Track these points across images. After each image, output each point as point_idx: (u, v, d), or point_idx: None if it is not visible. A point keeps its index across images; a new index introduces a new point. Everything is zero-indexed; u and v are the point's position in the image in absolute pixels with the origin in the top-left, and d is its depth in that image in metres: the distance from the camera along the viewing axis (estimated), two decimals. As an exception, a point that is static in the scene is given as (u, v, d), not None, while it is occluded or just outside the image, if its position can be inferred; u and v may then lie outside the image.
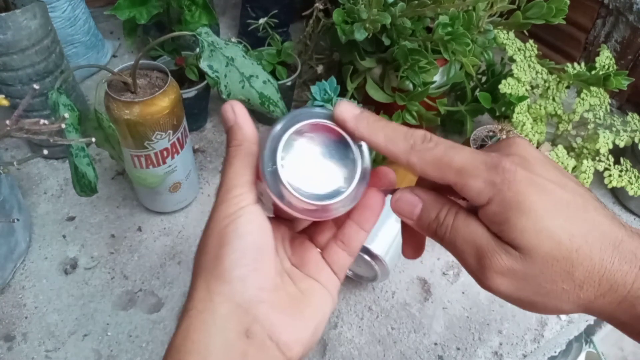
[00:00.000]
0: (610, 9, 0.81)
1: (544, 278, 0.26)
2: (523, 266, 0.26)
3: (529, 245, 0.25)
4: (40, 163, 0.71)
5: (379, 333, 0.57)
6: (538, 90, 0.67)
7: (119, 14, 0.71)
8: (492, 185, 0.26)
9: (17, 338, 0.54)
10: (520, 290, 0.26)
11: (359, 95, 0.68)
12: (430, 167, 0.27)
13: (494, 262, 0.26)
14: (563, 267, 0.25)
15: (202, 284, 0.27)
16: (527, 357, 0.57)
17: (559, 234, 0.25)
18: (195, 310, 0.26)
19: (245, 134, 0.30)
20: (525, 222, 0.25)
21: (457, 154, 0.27)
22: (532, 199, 0.25)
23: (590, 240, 0.25)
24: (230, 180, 0.29)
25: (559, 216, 0.25)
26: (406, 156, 0.27)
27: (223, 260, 0.27)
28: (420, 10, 0.57)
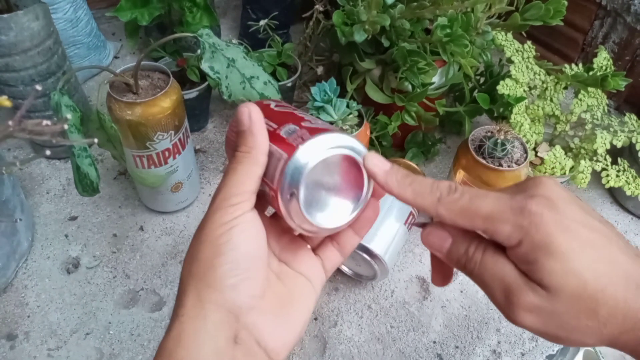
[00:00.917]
0: (608, 10, 0.82)
1: (569, 315, 0.27)
2: (550, 304, 0.27)
3: (557, 286, 0.26)
4: (42, 163, 0.72)
5: (379, 331, 0.57)
6: (536, 91, 0.68)
7: (121, 15, 0.71)
8: (520, 229, 0.27)
9: (20, 337, 0.55)
10: (546, 326, 0.27)
11: (359, 96, 0.68)
12: (458, 218, 0.28)
13: (522, 299, 0.27)
14: (588, 305, 0.26)
15: (194, 291, 0.27)
16: (525, 355, 0.57)
17: (586, 275, 0.26)
18: (187, 317, 0.27)
19: (257, 142, 0.29)
20: (553, 264, 0.26)
21: (482, 202, 0.28)
22: (559, 241, 0.26)
23: (615, 280, 0.26)
24: (230, 188, 0.29)
25: (585, 257, 0.26)
26: (434, 209, 0.29)
27: (216, 270, 0.27)
28: (419, 11, 0.58)
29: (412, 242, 0.66)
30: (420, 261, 0.64)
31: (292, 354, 0.55)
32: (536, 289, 0.27)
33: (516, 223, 0.27)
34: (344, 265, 0.60)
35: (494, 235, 0.28)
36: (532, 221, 0.26)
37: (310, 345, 0.56)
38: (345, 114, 0.58)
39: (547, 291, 0.27)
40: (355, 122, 0.59)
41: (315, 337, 0.57)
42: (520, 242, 0.27)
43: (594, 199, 0.75)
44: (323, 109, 0.57)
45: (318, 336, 0.57)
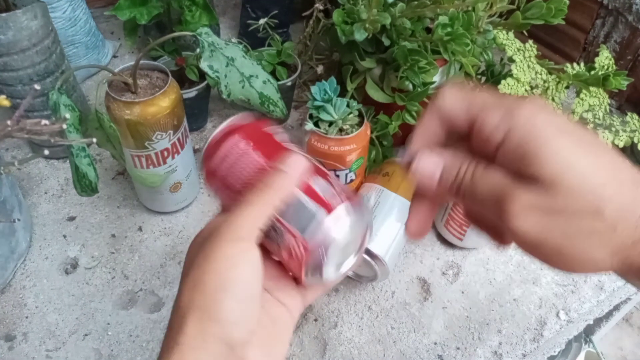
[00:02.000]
0: (610, 9, 0.81)
1: (571, 213, 0.24)
2: (547, 200, 0.24)
3: (552, 176, 0.24)
4: (41, 163, 0.72)
5: (379, 332, 0.57)
6: (537, 90, 0.67)
7: (120, 14, 0.71)
8: (509, 118, 0.25)
9: (18, 338, 0.54)
10: (547, 230, 0.25)
11: (359, 96, 0.68)
12: (458, 101, 0.27)
13: (516, 200, 0.25)
14: (590, 201, 0.24)
15: (196, 322, 0.27)
16: (527, 356, 0.57)
17: (583, 166, 0.24)
18: (187, 346, 0.27)
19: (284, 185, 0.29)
20: (547, 152, 0.24)
21: (480, 94, 0.27)
22: (552, 131, 0.25)
23: (619, 178, 0.24)
24: (244, 221, 0.29)
25: (581, 150, 0.24)
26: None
27: (220, 305, 0.27)
28: (420, 10, 0.57)
29: (413, 243, 0.65)
30: (421, 262, 0.64)
31: (292, 355, 0.55)
32: (530, 185, 0.25)
33: (507, 112, 0.26)
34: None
35: (484, 124, 0.26)
36: (522, 113, 0.25)
37: (310, 346, 0.56)
38: (345, 114, 0.58)
39: (543, 185, 0.24)
40: (356, 121, 0.59)
41: (315, 338, 0.56)
42: (508, 134, 0.25)
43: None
44: (323, 109, 0.57)
45: (318, 337, 0.56)
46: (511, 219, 0.25)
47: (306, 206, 0.29)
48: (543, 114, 0.25)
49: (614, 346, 1.39)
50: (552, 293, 0.62)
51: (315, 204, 0.29)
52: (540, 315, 0.60)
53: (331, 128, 0.58)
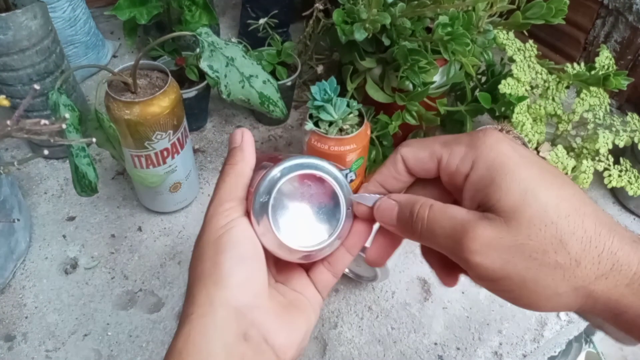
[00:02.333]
0: (610, 9, 0.81)
1: (532, 246, 0.23)
2: (508, 232, 0.24)
3: (514, 206, 0.24)
4: (40, 163, 0.72)
5: (379, 333, 0.57)
6: (538, 90, 0.67)
7: (119, 14, 0.71)
8: (474, 148, 0.26)
9: (18, 338, 0.54)
10: (509, 265, 0.24)
11: (359, 96, 0.68)
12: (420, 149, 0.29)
13: (476, 235, 0.24)
14: (553, 233, 0.23)
15: (202, 289, 0.28)
16: (527, 357, 0.57)
17: (546, 197, 0.24)
18: (195, 314, 0.27)
19: (244, 156, 0.32)
20: (510, 182, 0.24)
21: (442, 136, 0.28)
22: (515, 162, 0.25)
23: (582, 212, 0.24)
24: (222, 195, 0.31)
25: (545, 181, 0.24)
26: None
27: (221, 267, 0.28)
28: (420, 10, 0.57)
29: (413, 243, 0.65)
30: (421, 262, 0.64)
31: (292, 356, 0.55)
32: (491, 217, 0.24)
33: (470, 142, 0.26)
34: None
35: (449, 160, 0.27)
36: (486, 141, 0.25)
37: (310, 346, 0.56)
38: (345, 113, 0.58)
39: (505, 217, 0.24)
40: (356, 121, 0.59)
41: (316, 338, 0.56)
42: (475, 163, 0.25)
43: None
44: (323, 108, 0.57)
45: (318, 337, 0.56)
46: (471, 255, 0.24)
47: (263, 167, 0.31)
48: (506, 143, 0.25)
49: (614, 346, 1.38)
50: (553, 293, 0.62)
51: (270, 163, 0.31)
52: (541, 316, 0.59)
53: (331, 128, 0.58)
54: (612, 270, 0.23)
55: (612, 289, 0.23)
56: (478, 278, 0.26)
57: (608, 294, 0.23)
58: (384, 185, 0.31)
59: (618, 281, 0.23)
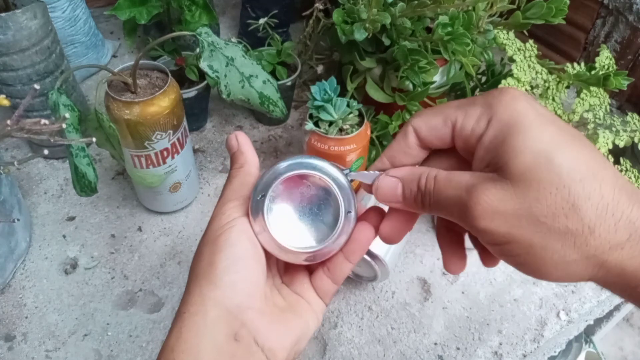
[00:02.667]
0: (610, 9, 0.81)
1: (541, 210, 0.22)
2: (514, 196, 0.22)
3: (524, 168, 0.22)
4: (40, 163, 0.72)
5: (379, 333, 0.57)
6: (538, 90, 0.67)
7: (119, 14, 0.71)
8: (489, 107, 0.24)
9: (18, 338, 0.54)
10: (514, 227, 0.22)
11: (359, 95, 0.68)
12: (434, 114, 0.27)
13: (480, 197, 0.23)
14: (565, 197, 0.21)
15: (196, 288, 0.28)
16: (527, 357, 0.57)
17: (560, 159, 0.22)
18: (188, 313, 0.27)
19: (247, 158, 0.32)
20: (523, 143, 0.22)
21: (454, 101, 0.27)
22: (531, 119, 0.23)
23: (600, 176, 0.22)
24: (227, 195, 0.31)
25: (561, 143, 0.22)
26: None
27: (216, 267, 0.28)
28: (420, 10, 0.57)
29: (413, 243, 0.65)
30: (421, 262, 0.64)
31: (292, 356, 0.55)
32: (497, 179, 0.23)
33: (485, 102, 0.24)
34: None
35: (465, 122, 0.25)
36: (502, 99, 0.24)
37: (310, 346, 0.56)
38: (345, 113, 0.58)
39: (512, 179, 0.22)
40: (356, 121, 0.59)
41: (315, 338, 0.56)
42: (489, 123, 0.24)
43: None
44: (323, 108, 0.57)
45: (318, 337, 0.56)
46: (476, 220, 0.23)
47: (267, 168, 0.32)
48: (524, 100, 0.24)
49: (614, 346, 1.38)
50: (553, 293, 0.62)
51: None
52: (541, 316, 0.59)
53: (331, 128, 0.58)
54: (629, 240, 0.21)
55: (628, 260, 0.22)
56: (486, 243, 0.25)
57: (622, 265, 0.22)
58: (394, 161, 0.29)
59: (635, 252, 0.22)
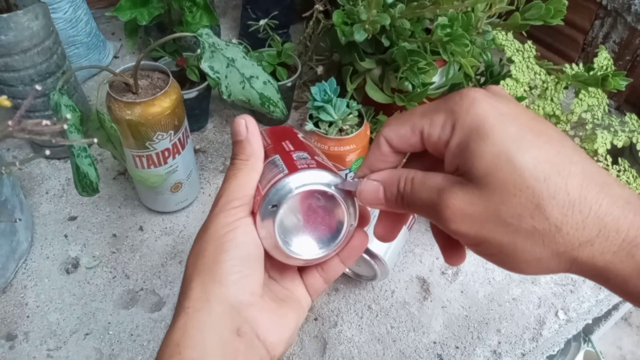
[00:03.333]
0: (609, 10, 0.82)
1: (507, 211, 0.22)
2: (481, 199, 0.23)
3: (485, 171, 0.22)
4: (42, 163, 0.72)
5: (379, 332, 0.57)
6: (536, 90, 0.68)
7: (121, 15, 0.71)
8: (452, 114, 0.24)
9: (19, 337, 0.54)
10: (484, 229, 0.23)
11: (359, 96, 0.68)
12: (400, 125, 0.27)
13: (449, 202, 0.24)
14: (529, 198, 0.22)
15: (199, 284, 0.28)
16: (526, 356, 0.57)
17: (521, 158, 0.22)
18: (192, 309, 0.28)
19: (254, 151, 0.32)
20: (484, 146, 0.23)
21: (419, 107, 0.27)
22: (492, 122, 0.23)
23: (565, 172, 0.22)
24: (232, 192, 0.31)
25: (523, 142, 0.22)
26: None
27: (221, 266, 0.28)
28: (420, 11, 0.58)
29: (413, 243, 0.66)
30: (420, 261, 0.64)
31: (292, 355, 0.55)
32: (464, 183, 0.23)
33: (448, 109, 0.24)
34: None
35: (431, 130, 0.25)
36: (463, 104, 0.24)
37: (310, 345, 0.56)
38: (345, 114, 0.58)
39: (477, 183, 0.23)
40: (356, 122, 0.59)
41: (315, 337, 0.57)
42: (453, 129, 0.24)
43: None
44: (323, 109, 0.57)
45: (318, 336, 0.57)
46: (447, 223, 0.24)
47: (277, 167, 0.31)
48: (486, 101, 0.24)
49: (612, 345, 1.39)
50: (551, 292, 0.62)
51: (284, 165, 0.31)
52: (539, 315, 0.60)
53: (331, 128, 0.58)
54: (598, 237, 0.21)
55: (598, 256, 0.22)
56: (460, 241, 0.26)
57: (593, 261, 0.22)
58: (374, 169, 0.30)
59: (605, 248, 0.22)
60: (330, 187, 0.30)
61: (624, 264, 0.21)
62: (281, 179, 0.30)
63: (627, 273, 0.22)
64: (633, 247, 0.21)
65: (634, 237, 0.21)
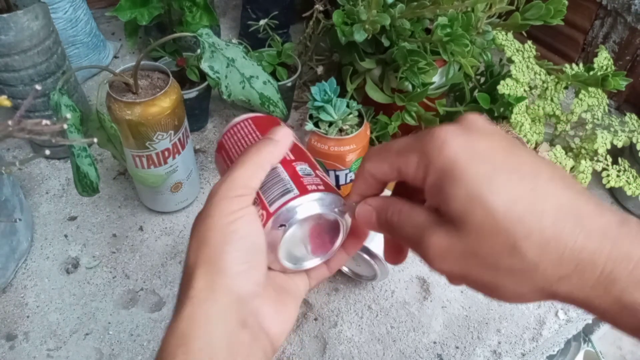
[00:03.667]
0: (609, 10, 0.82)
1: (485, 252, 0.23)
2: (459, 240, 0.23)
3: (461, 215, 0.23)
4: (42, 163, 0.72)
5: (379, 332, 0.57)
6: (536, 90, 0.68)
7: (121, 15, 0.71)
8: (424, 156, 0.24)
9: (19, 337, 0.54)
10: (466, 267, 0.24)
11: (359, 96, 0.68)
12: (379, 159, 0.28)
13: (430, 240, 0.24)
14: (505, 240, 0.22)
15: (204, 274, 0.28)
16: (526, 356, 0.57)
17: (493, 201, 0.22)
18: (197, 299, 0.27)
19: (276, 153, 0.31)
20: (457, 190, 0.23)
21: (397, 141, 0.27)
22: (464, 164, 0.23)
23: (539, 209, 0.22)
24: (239, 180, 0.30)
25: (495, 181, 0.22)
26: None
27: (226, 257, 0.28)
28: (420, 11, 0.58)
29: (412, 242, 0.65)
30: (420, 261, 0.64)
31: (292, 355, 0.55)
32: (444, 224, 0.24)
33: (420, 149, 0.25)
34: (345, 265, 0.60)
35: (406, 170, 0.26)
36: (434, 145, 0.24)
37: (310, 345, 0.56)
38: (345, 114, 0.58)
39: (455, 225, 0.23)
40: (355, 122, 0.59)
41: (315, 337, 0.57)
42: (427, 171, 0.24)
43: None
44: (323, 109, 0.57)
45: (318, 336, 0.57)
46: (431, 262, 0.25)
47: (282, 181, 0.31)
48: (456, 141, 0.24)
49: (612, 345, 1.39)
50: (551, 292, 0.62)
51: (291, 182, 0.31)
52: (539, 315, 0.60)
53: (331, 128, 0.58)
54: (575, 272, 0.22)
55: (576, 290, 0.22)
56: (448, 279, 0.26)
57: (572, 295, 0.22)
58: (364, 195, 0.31)
59: (582, 283, 0.22)
60: (335, 210, 0.31)
61: (601, 299, 0.22)
62: (292, 199, 0.30)
63: (605, 307, 0.22)
64: (609, 283, 0.21)
65: (609, 271, 0.21)
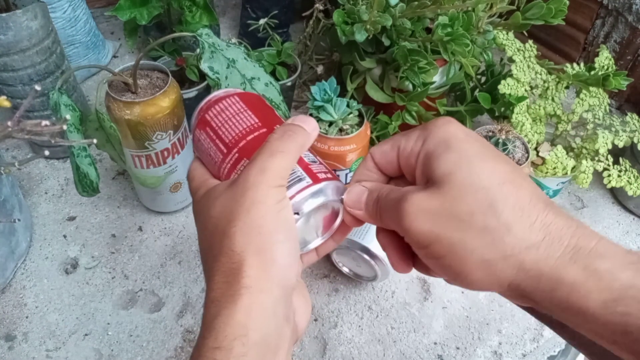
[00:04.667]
0: (610, 9, 0.81)
1: (461, 208, 0.24)
2: (437, 198, 0.25)
3: (447, 172, 0.25)
4: (41, 163, 0.72)
5: (379, 332, 0.57)
6: (537, 90, 0.68)
7: (120, 14, 0.71)
8: (425, 130, 0.28)
9: (18, 337, 0.54)
10: (436, 225, 0.25)
11: (359, 96, 0.68)
12: (384, 144, 0.30)
13: (409, 200, 0.26)
14: (483, 197, 0.24)
15: (258, 263, 0.27)
16: (527, 356, 0.57)
17: (480, 166, 0.25)
18: (255, 289, 0.26)
19: (304, 146, 0.31)
20: (448, 154, 0.26)
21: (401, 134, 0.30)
22: (459, 138, 0.26)
23: (518, 183, 0.25)
24: (282, 170, 0.29)
25: (483, 155, 0.26)
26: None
27: (277, 247, 0.27)
28: (420, 10, 0.57)
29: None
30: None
31: (292, 355, 0.55)
32: (426, 189, 0.26)
33: (423, 127, 0.28)
34: (345, 266, 0.59)
35: (405, 145, 0.29)
36: (437, 123, 0.28)
37: (311, 346, 0.56)
38: (345, 114, 0.58)
39: (437, 183, 0.25)
40: (356, 121, 0.59)
41: (316, 338, 0.56)
42: (425, 142, 0.28)
43: (596, 199, 0.75)
44: (323, 109, 0.57)
45: (318, 337, 0.56)
46: (403, 219, 0.26)
47: (295, 169, 0.31)
48: (455, 124, 0.28)
49: (613, 346, 1.38)
50: (552, 293, 0.62)
51: (301, 170, 0.31)
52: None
53: (331, 128, 0.58)
54: (543, 242, 0.23)
55: (542, 260, 0.23)
56: (414, 245, 0.27)
57: (539, 265, 0.23)
58: (361, 182, 0.32)
59: (549, 253, 0.23)
60: (342, 197, 0.32)
61: (567, 270, 0.23)
62: (305, 188, 0.30)
63: (570, 279, 0.23)
64: (575, 253, 0.23)
65: (574, 244, 0.23)
